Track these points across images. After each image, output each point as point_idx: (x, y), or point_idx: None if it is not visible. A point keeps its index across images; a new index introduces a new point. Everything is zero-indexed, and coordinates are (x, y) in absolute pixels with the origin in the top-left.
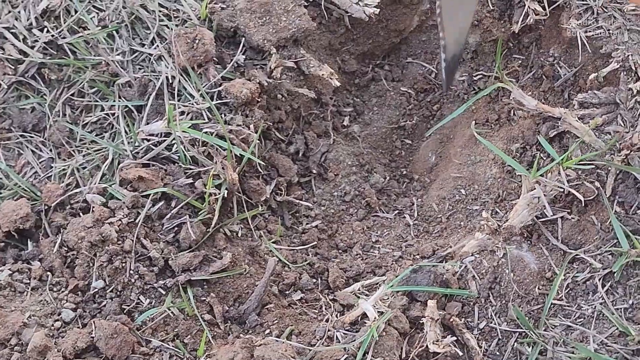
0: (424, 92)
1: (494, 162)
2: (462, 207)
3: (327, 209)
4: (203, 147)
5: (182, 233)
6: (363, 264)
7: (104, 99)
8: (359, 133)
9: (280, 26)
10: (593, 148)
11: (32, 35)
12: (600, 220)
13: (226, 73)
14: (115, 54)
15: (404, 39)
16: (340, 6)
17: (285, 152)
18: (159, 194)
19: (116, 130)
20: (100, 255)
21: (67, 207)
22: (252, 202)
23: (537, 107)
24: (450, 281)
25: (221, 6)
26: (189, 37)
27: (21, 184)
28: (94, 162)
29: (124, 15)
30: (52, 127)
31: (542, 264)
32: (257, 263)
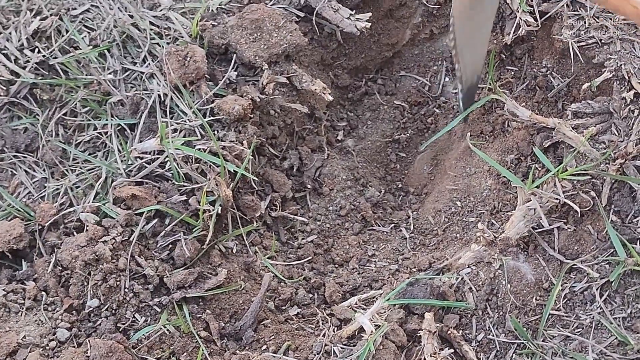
0: (417, 105)
1: (489, 173)
2: (458, 219)
3: (322, 223)
4: (196, 164)
5: (177, 250)
6: (359, 278)
7: (96, 118)
8: (353, 147)
9: (271, 42)
10: (588, 158)
11: (23, 55)
12: (597, 229)
13: (218, 90)
14: (107, 73)
15: (396, 53)
16: (331, 21)
17: (279, 168)
18: (153, 211)
19: (109, 149)
20: (95, 274)
21: (61, 227)
22: (246, 218)
23: (530, 117)
24: (447, 293)
25: (212, 23)
26: (181, 54)
27: (15, 204)
28: (87, 181)
29: (115, 34)
30: (45, 147)
31: (539, 275)
32: (253, 279)
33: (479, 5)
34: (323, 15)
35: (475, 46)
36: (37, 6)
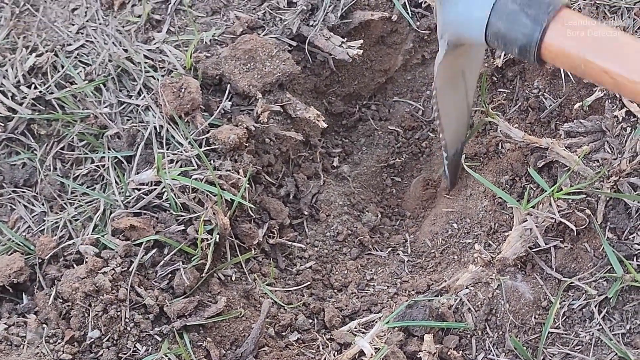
0: (411, 129)
1: (485, 195)
2: (454, 241)
3: (320, 249)
4: (193, 193)
5: (176, 279)
6: (359, 302)
7: (93, 151)
8: (349, 173)
9: (264, 71)
10: (582, 176)
11: (20, 92)
12: (593, 247)
13: (213, 120)
14: (103, 107)
15: (389, 79)
16: (323, 49)
17: (276, 195)
18: (152, 241)
19: (107, 181)
20: (95, 305)
21: (60, 259)
22: (244, 246)
23: (524, 138)
24: (446, 314)
25: (206, 55)
26: (175, 86)
27: (14, 238)
28: (86, 214)
29: (110, 68)
30: (44, 181)
31: (538, 293)
32: (253, 306)
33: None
34: (315, 44)
35: (458, 115)
36: (33, 43)
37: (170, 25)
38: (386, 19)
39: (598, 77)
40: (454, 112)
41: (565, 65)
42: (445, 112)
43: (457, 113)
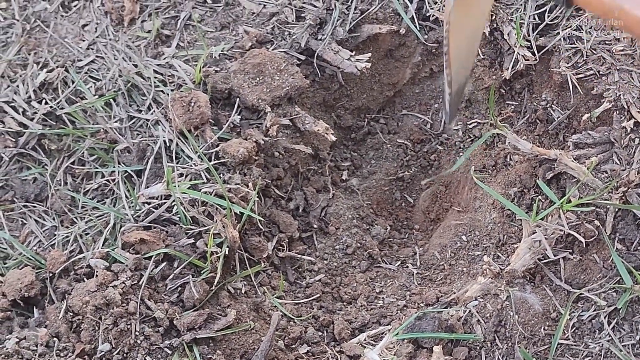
0: (420, 142)
1: (493, 207)
2: (463, 254)
3: (329, 262)
4: (203, 207)
5: (186, 292)
6: (368, 314)
7: (103, 165)
8: (357, 186)
9: (273, 85)
10: (591, 187)
11: (31, 107)
12: (603, 258)
13: (223, 134)
14: (113, 121)
15: (397, 92)
16: (332, 63)
17: (285, 209)
18: (161, 255)
19: (117, 196)
20: (106, 319)
21: (71, 273)
22: (254, 259)
23: (532, 150)
24: (455, 326)
25: (215, 69)
26: (185, 100)
27: (25, 253)
28: (96, 228)
29: (120, 83)
30: (54, 196)
31: (547, 305)
32: (262, 319)
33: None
34: (324, 58)
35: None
36: (44, 59)
37: (180, 40)
38: (394, 32)
39: (631, 26)
40: (463, 48)
41: (597, 11)
42: (454, 47)
43: (465, 49)
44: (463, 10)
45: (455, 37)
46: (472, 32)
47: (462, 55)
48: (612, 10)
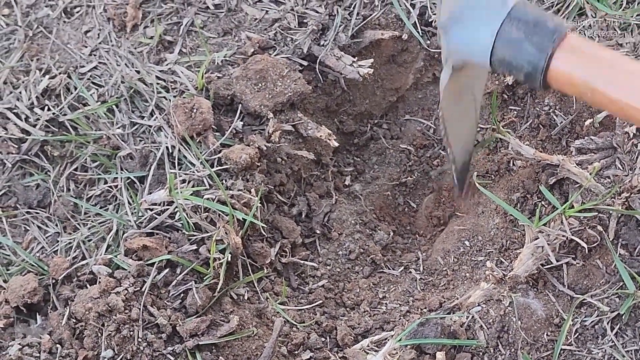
0: (423, 148)
1: (496, 212)
2: (466, 259)
3: (332, 268)
4: (205, 213)
5: (189, 299)
6: (371, 320)
7: (106, 172)
8: (360, 192)
9: (276, 91)
10: (593, 193)
11: (33, 114)
12: (605, 263)
13: (225, 140)
14: (115, 128)
15: (400, 97)
16: (334, 69)
17: (288, 214)
18: (164, 261)
19: (119, 202)
20: (108, 325)
21: (74, 280)
22: (257, 265)
23: (535, 155)
24: (458, 332)
25: (217, 75)
26: (187, 107)
27: (28, 259)
28: (99, 234)
29: (122, 89)
30: (57, 202)
31: (550, 310)
32: (265, 325)
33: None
34: (326, 64)
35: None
36: (46, 65)
37: (182, 46)
38: (397, 38)
39: (606, 105)
40: (461, 128)
41: (572, 93)
42: (452, 129)
43: (464, 129)
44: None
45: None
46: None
47: (461, 135)
48: (586, 91)
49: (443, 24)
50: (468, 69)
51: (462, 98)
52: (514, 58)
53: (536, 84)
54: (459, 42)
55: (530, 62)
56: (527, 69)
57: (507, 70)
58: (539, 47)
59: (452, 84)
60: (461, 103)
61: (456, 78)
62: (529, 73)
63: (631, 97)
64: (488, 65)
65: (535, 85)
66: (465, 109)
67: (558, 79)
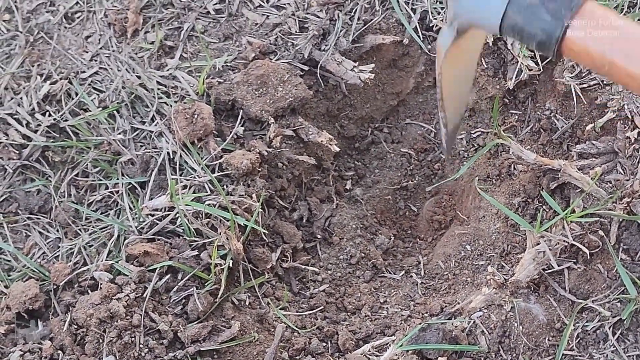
0: (424, 151)
1: (497, 216)
2: (468, 263)
3: (333, 272)
4: (206, 219)
5: (190, 305)
6: (372, 325)
7: (107, 177)
8: (361, 196)
9: (277, 96)
10: (595, 197)
11: (34, 119)
12: (607, 268)
13: (226, 145)
14: (116, 133)
15: (401, 101)
16: (335, 74)
17: (289, 219)
18: (165, 267)
19: (121, 208)
20: (110, 331)
21: (75, 286)
22: (258, 270)
23: (536, 160)
24: (460, 337)
25: (218, 80)
26: (188, 112)
27: (30, 265)
28: (100, 240)
29: (123, 95)
30: (58, 207)
31: (551, 315)
32: (266, 330)
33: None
34: (327, 68)
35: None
36: (47, 71)
37: (183, 52)
38: (397, 42)
39: (623, 80)
40: (457, 92)
41: (588, 65)
42: (448, 93)
43: (459, 92)
44: (454, 60)
45: (447, 85)
46: (463, 78)
47: (456, 99)
48: (603, 64)
49: None
50: (471, 33)
51: (461, 62)
52: (526, 25)
53: (549, 53)
54: (469, 5)
55: (545, 30)
56: (540, 37)
57: (518, 37)
58: (555, 14)
59: (453, 48)
60: (460, 66)
61: (458, 42)
62: (543, 41)
63: None
64: (498, 30)
65: (548, 54)
66: (463, 72)
67: (573, 49)
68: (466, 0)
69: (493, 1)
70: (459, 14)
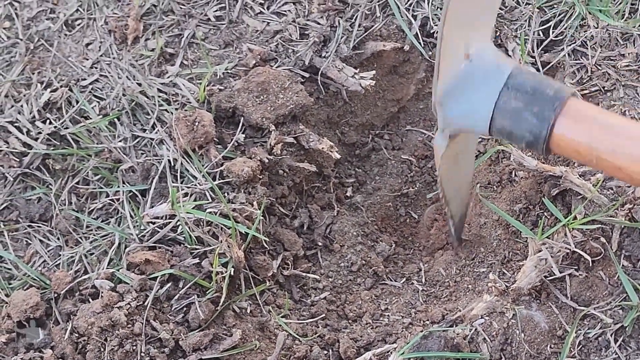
0: (424, 158)
1: (499, 223)
2: (469, 270)
3: (334, 280)
4: (208, 226)
5: (191, 313)
6: (373, 332)
7: (108, 185)
8: (362, 203)
9: (278, 103)
10: (596, 204)
11: (35, 127)
12: (609, 275)
13: (227, 152)
14: (117, 141)
15: (402, 108)
16: (336, 80)
17: (289, 227)
18: (167, 275)
19: (121, 215)
20: (111, 340)
21: (76, 294)
22: (259, 278)
23: (537, 166)
24: (461, 345)
25: (219, 88)
26: (189, 119)
27: (30, 273)
28: (101, 248)
29: (124, 102)
30: (59, 215)
31: (553, 323)
32: (268, 338)
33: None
34: (328, 75)
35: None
36: (48, 78)
37: (184, 59)
38: (398, 49)
39: (612, 172)
40: (459, 186)
41: (576, 159)
42: (450, 189)
43: (461, 186)
44: (452, 160)
45: (448, 182)
46: (463, 174)
47: (458, 193)
48: (590, 158)
49: (439, 100)
50: (463, 135)
51: (459, 160)
52: (514, 128)
53: (539, 151)
54: (457, 115)
55: (532, 132)
56: (528, 138)
57: (507, 139)
58: (540, 116)
59: (448, 150)
60: (458, 163)
61: (452, 144)
62: (531, 142)
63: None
64: (487, 133)
65: (537, 152)
66: (462, 169)
67: (561, 146)
68: (454, 111)
69: (480, 109)
70: (449, 123)
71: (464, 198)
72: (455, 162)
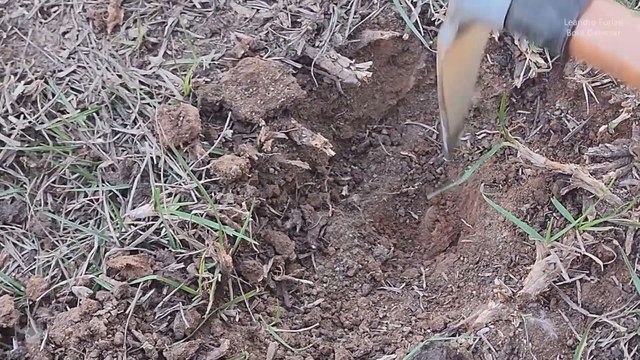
0: (425, 154)
1: (504, 224)
2: (473, 275)
3: (329, 285)
4: (193, 229)
5: (176, 322)
6: (371, 342)
7: (86, 184)
8: (359, 203)
9: (268, 97)
10: (609, 204)
11: (8, 122)
12: (622, 280)
13: (214, 149)
14: (96, 137)
15: (401, 101)
16: (330, 72)
17: (281, 229)
18: (149, 281)
19: (101, 217)
20: (90, 351)
21: (52, 301)
22: (248, 284)
23: (546, 164)
24: (465, 355)
25: (205, 80)
26: (173, 114)
27: (3, 279)
28: (79, 252)
29: (103, 95)
30: (34, 217)
31: (562, 331)
32: (258, 348)
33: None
34: (321, 66)
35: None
36: (22, 70)
37: (167, 49)
38: (397, 38)
39: (634, 82)
40: (459, 92)
41: (597, 65)
42: (450, 93)
43: (461, 93)
44: (456, 58)
45: (449, 84)
46: (466, 77)
47: (458, 99)
48: (613, 66)
49: None
50: (474, 29)
51: (464, 60)
52: (532, 22)
53: (556, 52)
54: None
55: (552, 29)
56: (547, 35)
57: (523, 35)
58: (563, 11)
59: (455, 45)
60: (462, 65)
61: (460, 38)
62: (549, 40)
63: None
64: (502, 25)
65: (555, 52)
66: (465, 71)
67: (582, 50)
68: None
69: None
70: (461, 8)
71: (463, 105)
72: (459, 61)
